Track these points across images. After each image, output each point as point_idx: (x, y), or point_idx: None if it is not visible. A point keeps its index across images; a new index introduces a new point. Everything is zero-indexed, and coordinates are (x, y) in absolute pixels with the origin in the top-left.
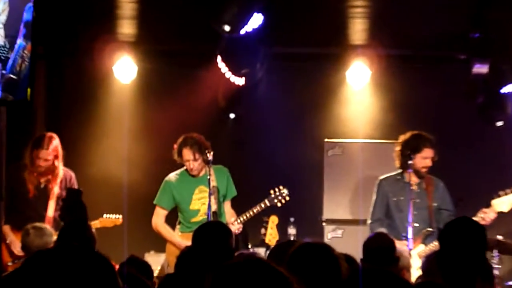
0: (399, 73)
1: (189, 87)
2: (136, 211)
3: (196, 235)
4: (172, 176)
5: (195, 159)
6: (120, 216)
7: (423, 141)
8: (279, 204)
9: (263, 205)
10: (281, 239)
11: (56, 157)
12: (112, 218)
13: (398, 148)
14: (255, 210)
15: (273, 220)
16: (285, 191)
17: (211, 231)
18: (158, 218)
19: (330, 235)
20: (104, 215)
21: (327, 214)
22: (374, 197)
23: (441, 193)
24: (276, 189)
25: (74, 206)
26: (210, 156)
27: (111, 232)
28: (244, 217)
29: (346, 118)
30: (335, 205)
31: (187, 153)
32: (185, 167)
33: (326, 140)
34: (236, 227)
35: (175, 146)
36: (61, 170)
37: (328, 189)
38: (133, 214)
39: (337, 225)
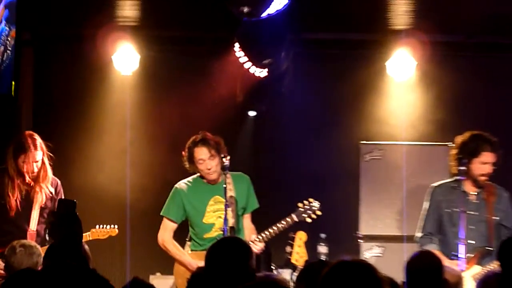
0: (448, 62)
1: (200, 79)
2: (139, 225)
3: (210, 253)
4: (183, 183)
5: (211, 156)
6: (116, 226)
7: (482, 143)
8: (308, 220)
9: (289, 221)
10: (310, 259)
11: (43, 155)
12: (106, 229)
13: (454, 151)
14: (280, 226)
15: (301, 236)
16: (315, 205)
17: (228, 249)
18: (166, 233)
19: (368, 254)
20: (97, 226)
21: (364, 229)
22: (425, 206)
23: (505, 205)
24: (306, 202)
25: (67, 220)
26: (226, 161)
27: (110, 251)
28: (267, 234)
29: (387, 116)
30: (374, 218)
31: (201, 151)
32: (197, 175)
33: (362, 142)
34: (258, 246)
35: (185, 150)
36: (50, 171)
37: (366, 200)
38: (137, 229)
39: (377, 242)
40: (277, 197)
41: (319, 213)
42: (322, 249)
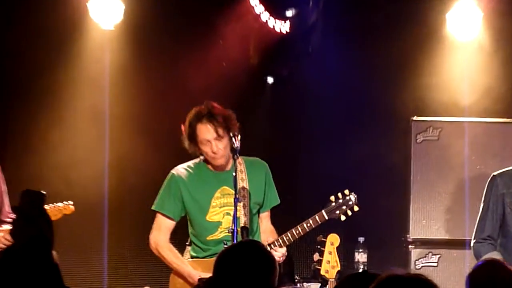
0: None
1: (203, 36)
2: (125, 228)
3: (220, 263)
4: (182, 168)
5: (219, 137)
6: (71, 203)
7: None
8: (343, 218)
9: (318, 220)
10: (344, 270)
11: None
12: (59, 206)
13: None
14: (306, 226)
15: (333, 240)
16: (352, 198)
17: (245, 259)
18: (160, 234)
19: (420, 263)
20: (50, 205)
21: (415, 231)
22: (483, 202)
23: None
24: (339, 195)
25: (33, 219)
26: (237, 141)
27: (90, 260)
28: (289, 237)
29: (445, 86)
30: (428, 217)
31: (205, 130)
32: (200, 158)
33: (414, 118)
34: (277, 252)
35: (185, 124)
36: None
37: (418, 194)
38: (120, 232)
39: (431, 248)
40: (303, 190)
41: (356, 209)
42: (360, 256)
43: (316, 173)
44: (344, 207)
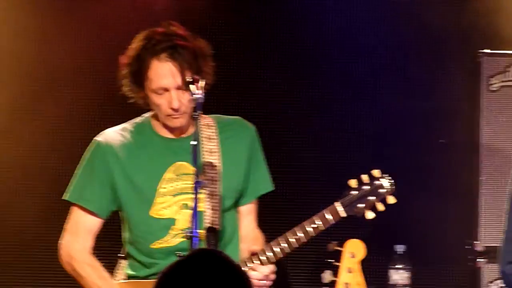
0: None
1: None
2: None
3: (161, 284)
4: (113, 133)
5: (184, 85)
6: None
7: None
8: (370, 215)
9: (331, 217)
10: None
11: None
12: None
13: None
14: (311, 229)
15: (354, 250)
16: (385, 184)
17: (196, 278)
18: (76, 239)
19: (495, 286)
20: None
21: (487, 236)
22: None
23: None
24: (365, 178)
25: None
26: (198, 89)
27: None
28: (283, 247)
29: None
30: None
31: (165, 71)
32: (144, 116)
33: (484, 51)
34: (258, 273)
35: (127, 53)
36: None
37: (492, 177)
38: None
39: None
40: (309, 168)
41: (392, 200)
42: (400, 276)
43: (329, 141)
44: (372, 198)
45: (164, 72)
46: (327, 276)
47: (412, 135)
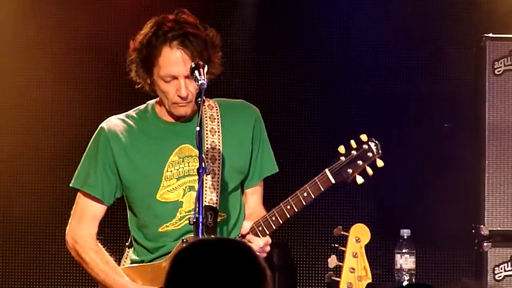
0: None
1: None
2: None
3: (174, 269)
4: (117, 119)
5: (192, 74)
6: None
7: None
8: (359, 180)
9: (320, 184)
10: (380, 281)
11: None
12: None
13: None
14: (302, 198)
15: (359, 235)
16: (372, 147)
17: (214, 263)
18: (81, 225)
19: (501, 271)
20: None
21: (493, 220)
22: None
23: None
24: (352, 144)
25: None
26: (202, 74)
27: None
28: (277, 217)
29: None
30: None
31: (175, 59)
32: (148, 103)
33: (488, 35)
34: (254, 244)
35: (137, 39)
36: None
37: (497, 160)
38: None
39: None
40: (307, 148)
41: (380, 164)
42: (405, 261)
43: (329, 119)
44: (360, 162)
45: (174, 60)
46: (332, 260)
47: (417, 119)
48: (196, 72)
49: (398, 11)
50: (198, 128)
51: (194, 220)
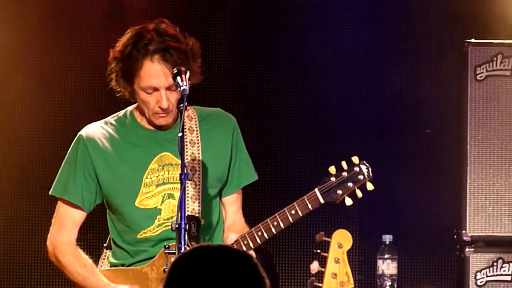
0: None
1: None
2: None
3: (174, 273)
4: (96, 126)
5: (174, 80)
6: None
7: None
8: (348, 202)
9: (309, 204)
10: (364, 283)
11: None
12: None
13: None
14: (290, 216)
15: (341, 240)
16: (363, 170)
17: (219, 273)
18: (61, 231)
19: (483, 276)
20: None
21: (474, 226)
22: None
23: None
24: (344, 165)
25: None
26: (184, 80)
27: None
28: (263, 233)
29: None
30: (495, 204)
31: (156, 71)
32: (127, 110)
33: (470, 41)
34: None
35: (117, 49)
36: None
37: (478, 166)
38: None
39: (500, 252)
40: (291, 158)
41: (370, 187)
42: (387, 266)
43: (313, 132)
44: (350, 184)
45: (155, 73)
46: (315, 266)
47: (399, 125)
48: (178, 78)
49: (380, 18)
50: (180, 134)
51: (176, 226)
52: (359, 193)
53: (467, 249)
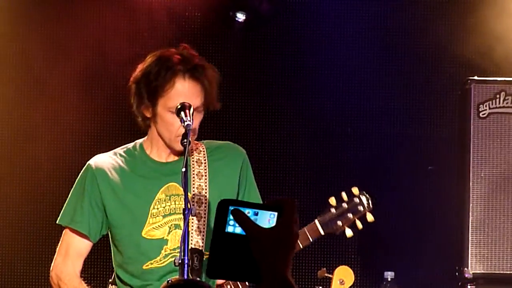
0: None
1: None
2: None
3: None
4: (105, 156)
5: (202, 105)
6: None
7: None
8: (349, 233)
9: (309, 235)
10: None
11: None
12: None
13: None
14: None
15: (343, 277)
16: (364, 201)
17: None
18: (66, 261)
19: None
20: None
21: (476, 263)
22: None
23: None
24: (344, 196)
25: None
26: (188, 115)
27: None
28: None
29: None
30: (498, 242)
31: (188, 90)
32: (136, 143)
33: (473, 78)
34: None
35: (143, 69)
36: None
37: (481, 204)
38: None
39: None
40: (296, 191)
41: (371, 218)
42: None
43: (317, 164)
44: (350, 215)
45: (185, 91)
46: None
47: (402, 161)
48: (182, 113)
49: (383, 52)
50: (183, 169)
51: (180, 261)
52: (359, 224)
53: (469, 287)
